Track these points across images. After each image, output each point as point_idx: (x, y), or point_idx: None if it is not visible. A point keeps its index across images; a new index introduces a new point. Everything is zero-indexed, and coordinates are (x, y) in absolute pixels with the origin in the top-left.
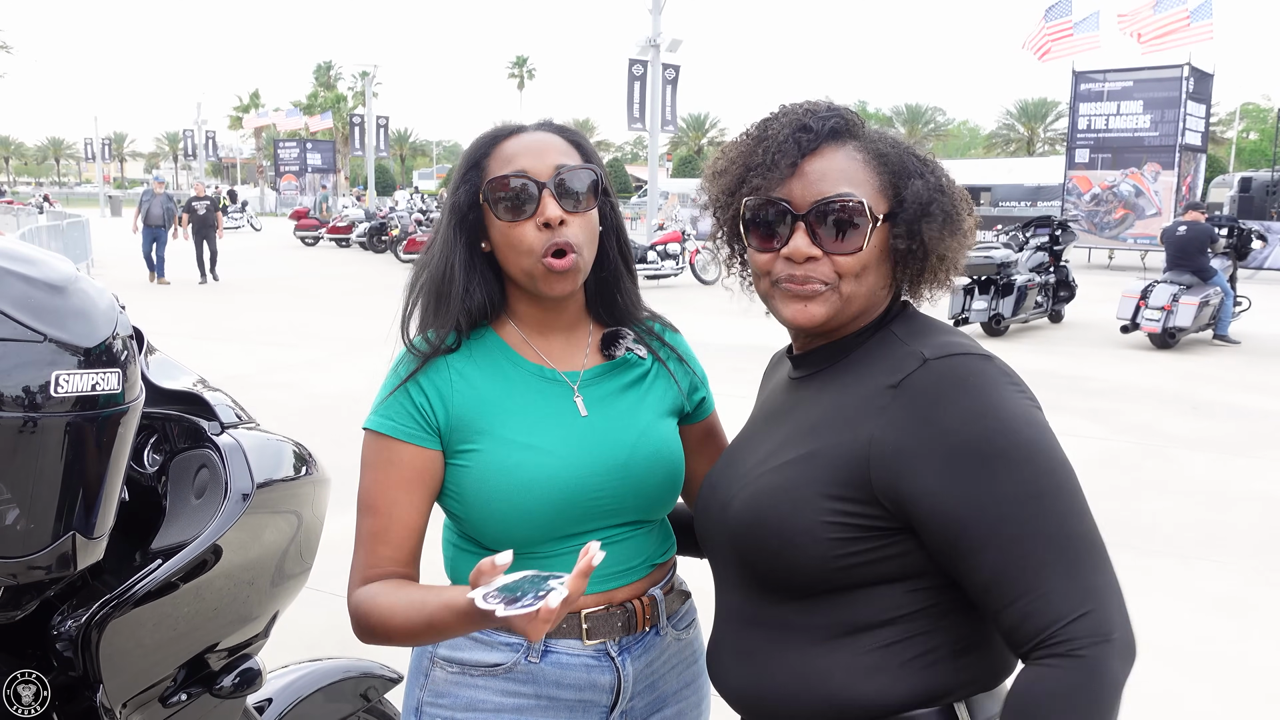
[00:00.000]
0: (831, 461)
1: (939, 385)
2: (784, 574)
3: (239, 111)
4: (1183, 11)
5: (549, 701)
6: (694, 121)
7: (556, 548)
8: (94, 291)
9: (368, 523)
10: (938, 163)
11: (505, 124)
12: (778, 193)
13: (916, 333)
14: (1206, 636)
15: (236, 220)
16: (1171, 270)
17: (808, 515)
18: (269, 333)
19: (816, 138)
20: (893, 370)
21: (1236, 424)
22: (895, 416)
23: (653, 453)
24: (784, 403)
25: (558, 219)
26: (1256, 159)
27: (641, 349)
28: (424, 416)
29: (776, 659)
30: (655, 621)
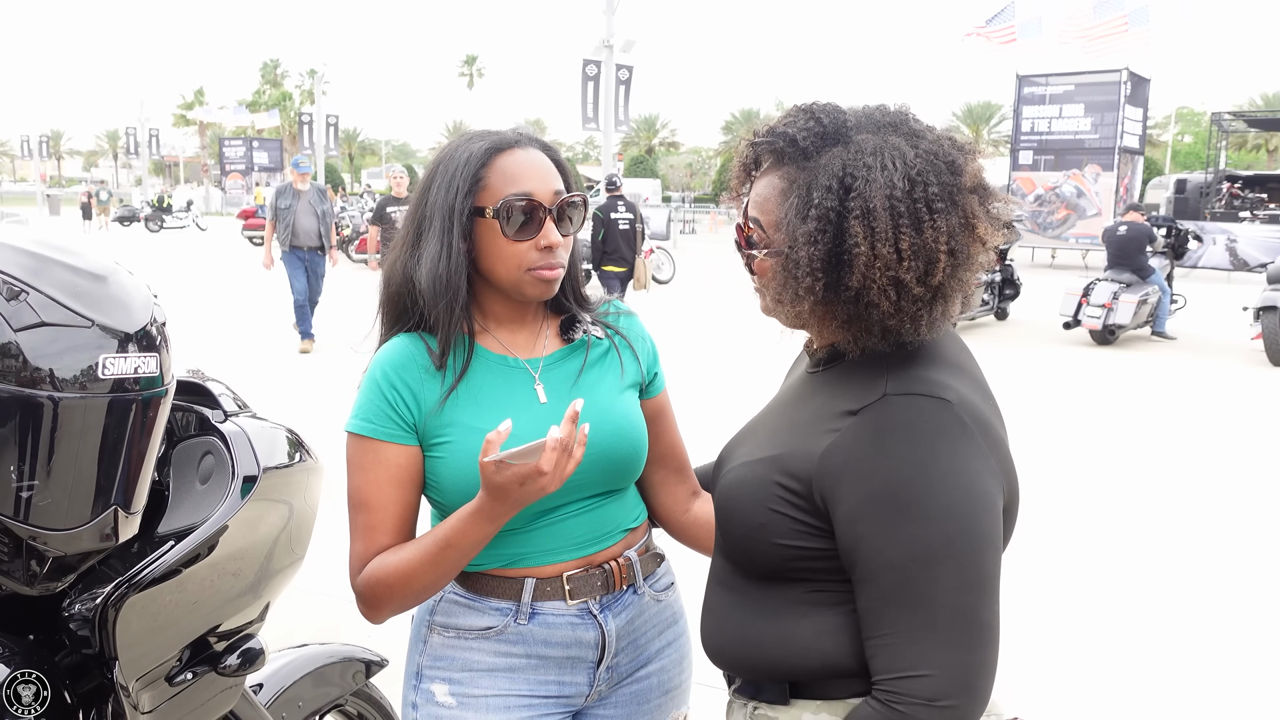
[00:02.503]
0: (789, 467)
1: (887, 423)
2: (743, 556)
3: (183, 109)
4: (1121, 18)
5: (539, 660)
6: (645, 122)
7: (535, 523)
8: (131, 281)
9: (362, 518)
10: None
11: (498, 135)
12: (746, 194)
13: (903, 360)
14: (1138, 617)
15: (181, 220)
16: (1112, 269)
17: (763, 512)
18: (225, 335)
19: (757, 159)
20: (858, 396)
21: (1172, 417)
22: (844, 441)
23: (615, 428)
24: (792, 394)
25: (558, 244)
26: (1191, 161)
27: (598, 330)
28: (399, 415)
29: (730, 620)
30: (632, 581)
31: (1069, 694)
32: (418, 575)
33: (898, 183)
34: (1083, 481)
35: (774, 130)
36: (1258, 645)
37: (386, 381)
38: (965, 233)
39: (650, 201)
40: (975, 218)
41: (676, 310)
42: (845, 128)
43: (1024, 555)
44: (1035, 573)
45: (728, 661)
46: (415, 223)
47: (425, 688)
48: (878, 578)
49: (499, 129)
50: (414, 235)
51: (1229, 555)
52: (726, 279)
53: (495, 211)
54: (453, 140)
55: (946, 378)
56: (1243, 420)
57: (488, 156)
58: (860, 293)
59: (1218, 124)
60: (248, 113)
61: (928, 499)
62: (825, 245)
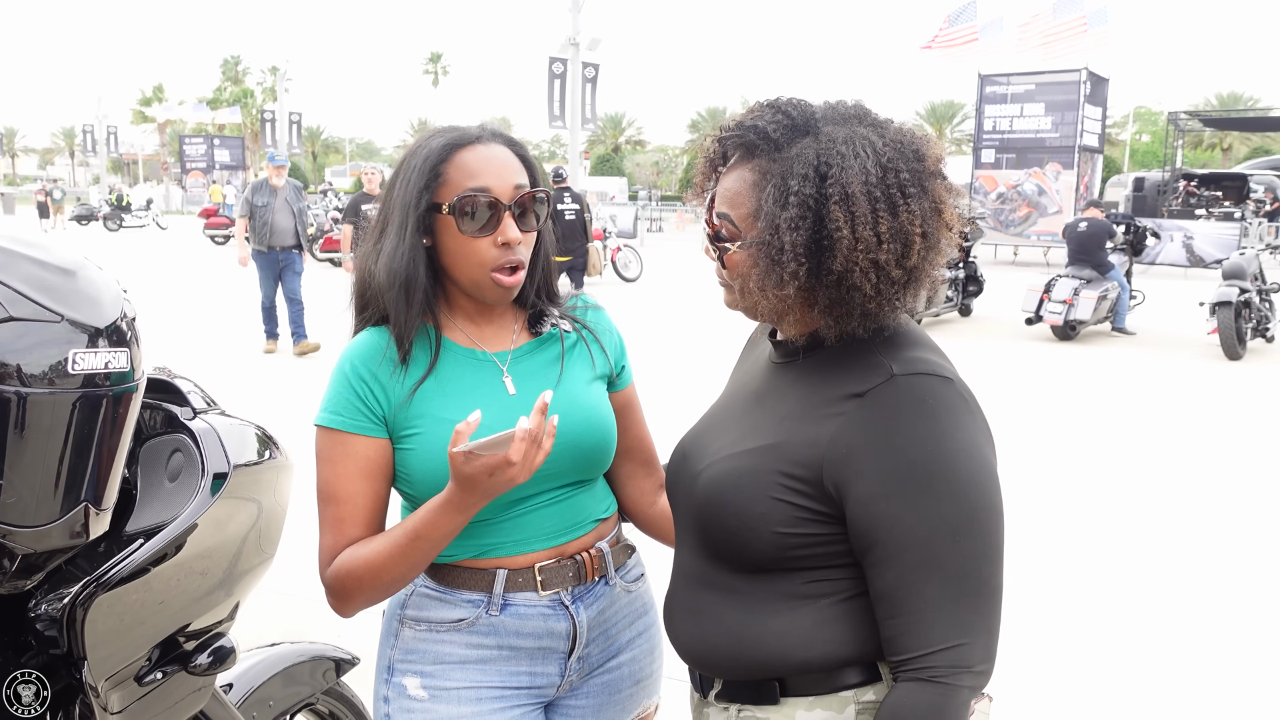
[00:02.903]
0: (792, 454)
1: (899, 402)
2: (737, 550)
3: (141, 105)
4: (1080, 18)
5: (511, 651)
6: (611, 120)
7: (506, 513)
8: (100, 276)
9: (332, 510)
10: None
11: (461, 130)
12: (712, 190)
13: (889, 343)
14: (1100, 606)
15: (141, 219)
16: (1072, 265)
17: (765, 501)
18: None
19: (725, 156)
20: (861, 379)
21: (1132, 410)
22: (854, 423)
23: (583, 418)
24: (761, 385)
25: (516, 241)
26: (1149, 160)
27: (566, 323)
28: (369, 407)
29: (722, 620)
30: (604, 572)
31: (1032, 683)
32: (387, 567)
33: (871, 169)
34: (1046, 474)
35: (743, 124)
36: (1215, 632)
37: (355, 374)
38: (935, 217)
39: (617, 200)
40: (943, 202)
41: (644, 307)
42: (813, 120)
43: None
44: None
45: (718, 664)
46: (381, 218)
47: (397, 681)
48: (903, 555)
49: (465, 125)
50: (379, 231)
51: (1187, 543)
52: (694, 276)
53: (451, 207)
54: (419, 137)
55: (938, 358)
56: (1199, 413)
57: (447, 152)
58: (843, 276)
59: (1174, 123)
60: (208, 110)
61: (948, 474)
62: (807, 231)
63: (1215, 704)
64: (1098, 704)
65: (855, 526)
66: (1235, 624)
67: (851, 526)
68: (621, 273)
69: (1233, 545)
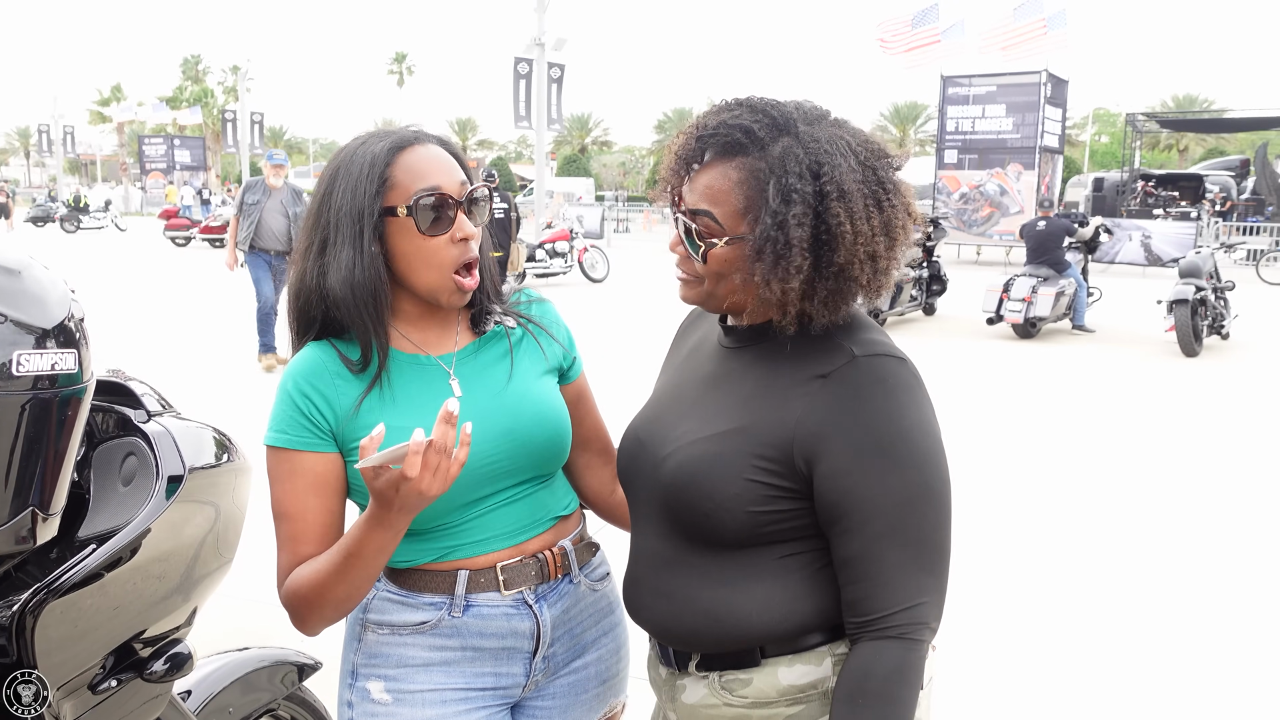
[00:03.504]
0: (761, 436)
1: (861, 382)
2: (709, 530)
3: (99, 105)
4: (1039, 20)
5: (474, 652)
6: (578, 121)
7: (465, 514)
8: (46, 275)
9: (286, 528)
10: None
11: (398, 133)
12: (680, 189)
13: (851, 326)
14: (1074, 600)
15: (99, 220)
16: (1030, 264)
17: (738, 482)
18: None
19: (703, 153)
20: (823, 361)
21: (1092, 406)
22: (820, 402)
23: (535, 413)
24: (713, 369)
25: (473, 236)
26: (1108, 160)
27: (509, 320)
28: (314, 423)
29: (698, 599)
30: (567, 570)
31: (990, 672)
32: (330, 587)
33: (856, 167)
34: (1007, 469)
35: (725, 123)
36: (1173, 623)
37: (298, 391)
38: (905, 211)
39: (584, 200)
40: (909, 199)
41: (611, 307)
42: (791, 119)
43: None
44: (957, 561)
45: (698, 641)
46: (319, 230)
47: (360, 686)
48: (869, 524)
49: (393, 128)
50: (319, 244)
51: (1146, 536)
52: (661, 276)
53: (409, 208)
54: (347, 144)
55: (889, 339)
56: (1158, 409)
57: (391, 155)
58: (844, 269)
59: (1132, 125)
60: (168, 109)
61: (908, 448)
62: (809, 227)
63: (1168, 695)
64: (1052, 696)
65: (823, 499)
66: (1194, 616)
67: (819, 499)
68: (588, 273)
69: (1190, 538)
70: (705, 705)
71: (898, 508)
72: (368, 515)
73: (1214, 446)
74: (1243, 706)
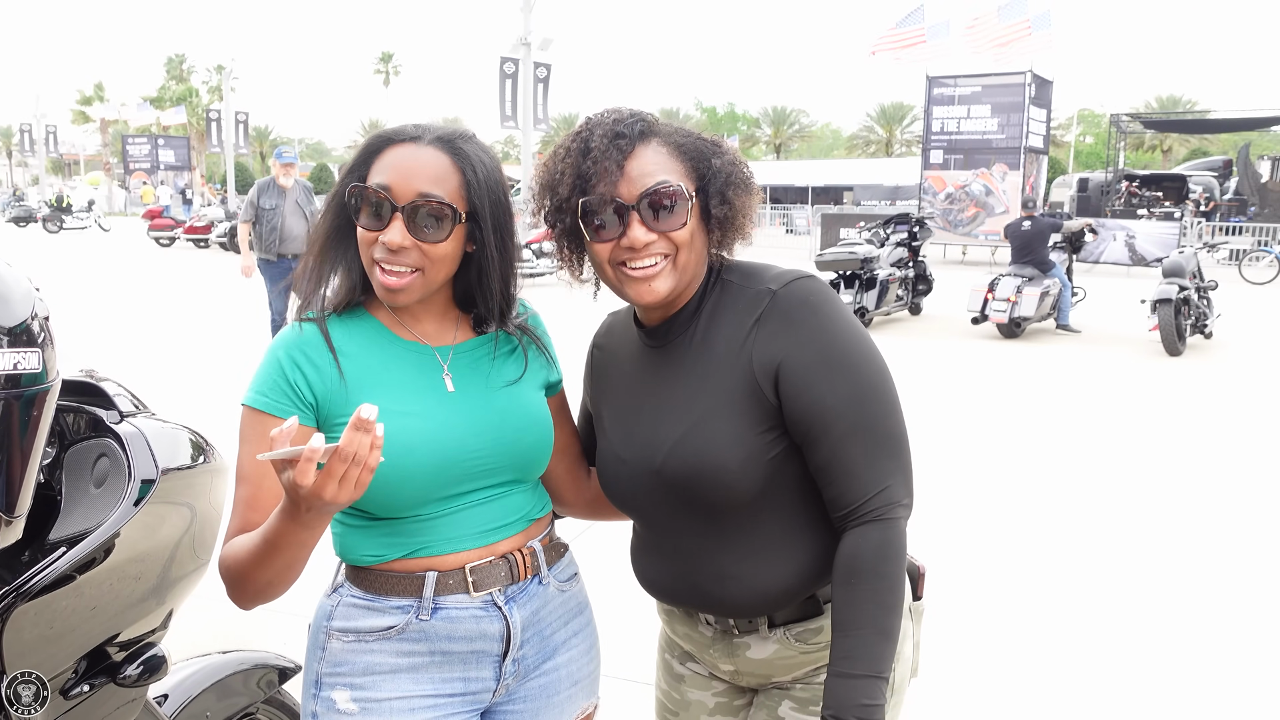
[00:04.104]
0: (738, 399)
1: (789, 308)
2: (740, 501)
3: (82, 104)
4: (1024, 21)
5: (443, 656)
6: (565, 121)
7: (440, 508)
8: (9, 273)
9: (242, 490)
10: (720, 139)
11: (402, 128)
12: (611, 193)
13: (749, 274)
14: (1061, 598)
15: (83, 220)
16: (1015, 264)
17: (745, 443)
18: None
19: (630, 141)
20: (749, 309)
21: (1078, 403)
22: (764, 339)
23: (524, 416)
24: (653, 373)
25: (395, 244)
26: (1092, 161)
27: (510, 326)
28: (297, 392)
29: (756, 572)
30: (536, 571)
31: (972, 669)
32: (252, 571)
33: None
34: (992, 469)
35: (620, 119)
36: (1155, 622)
37: (288, 358)
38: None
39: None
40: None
41: (595, 308)
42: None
43: (932, 542)
44: (945, 558)
45: (766, 605)
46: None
47: (325, 695)
48: (832, 428)
49: (426, 124)
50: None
51: (1130, 534)
52: None
53: (348, 195)
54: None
55: (781, 267)
56: (1142, 408)
57: (381, 145)
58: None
59: (1116, 125)
60: (152, 109)
61: (851, 351)
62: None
63: (1157, 693)
64: (1040, 693)
65: (790, 418)
66: (1180, 612)
67: (788, 420)
68: None
69: (1175, 535)
70: (780, 658)
71: (851, 408)
72: (281, 508)
73: (1197, 445)
74: (1226, 702)
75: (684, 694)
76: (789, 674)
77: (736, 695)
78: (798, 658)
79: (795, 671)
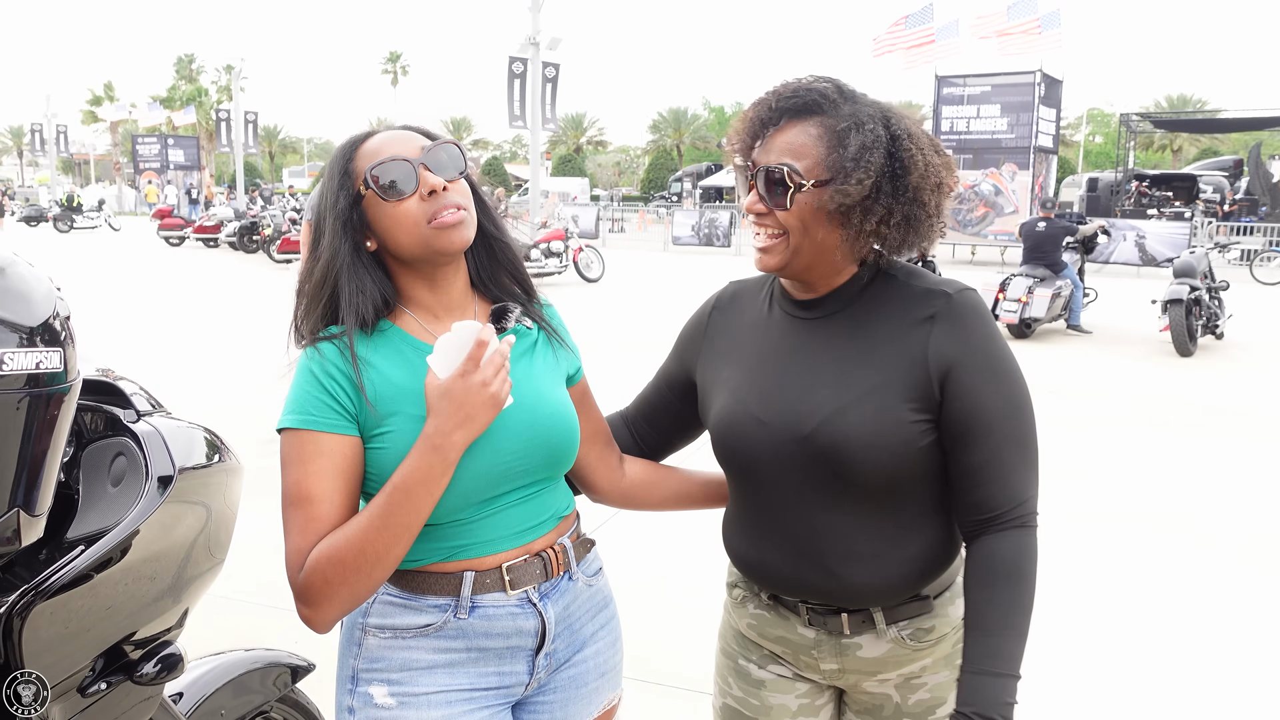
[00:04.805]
0: (902, 381)
1: (965, 314)
2: (887, 479)
3: (92, 104)
4: (1034, 20)
5: (479, 653)
6: (572, 120)
7: (479, 512)
8: (31, 273)
9: (302, 513)
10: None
11: (360, 133)
12: (752, 157)
13: (912, 273)
14: (1070, 599)
15: (93, 220)
16: (1027, 264)
17: (903, 429)
18: (137, 342)
19: (779, 115)
20: (921, 305)
21: (1088, 405)
22: (939, 338)
23: (552, 413)
24: (803, 342)
25: (440, 185)
26: (1102, 161)
27: (528, 320)
28: (339, 404)
29: (882, 554)
30: (567, 567)
31: None
32: (370, 537)
33: (913, 124)
34: None
35: (801, 88)
36: (1168, 627)
37: (324, 373)
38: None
39: (579, 200)
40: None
41: (606, 307)
42: (851, 90)
43: None
44: None
45: (892, 592)
46: (315, 235)
47: (363, 690)
48: (992, 432)
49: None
50: (314, 242)
51: (1142, 536)
52: (654, 276)
53: (366, 182)
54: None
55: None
56: (1151, 408)
57: (351, 150)
58: (917, 192)
59: (1126, 125)
60: (162, 109)
61: (1008, 363)
62: (888, 159)
63: (1168, 694)
64: (1059, 697)
65: (952, 416)
66: (1191, 616)
67: (948, 419)
68: (584, 273)
69: (1186, 537)
70: (893, 656)
71: (1010, 416)
72: (421, 440)
73: (1209, 445)
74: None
75: (765, 699)
76: (895, 670)
77: (818, 694)
78: (911, 654)
79: (902, 668)
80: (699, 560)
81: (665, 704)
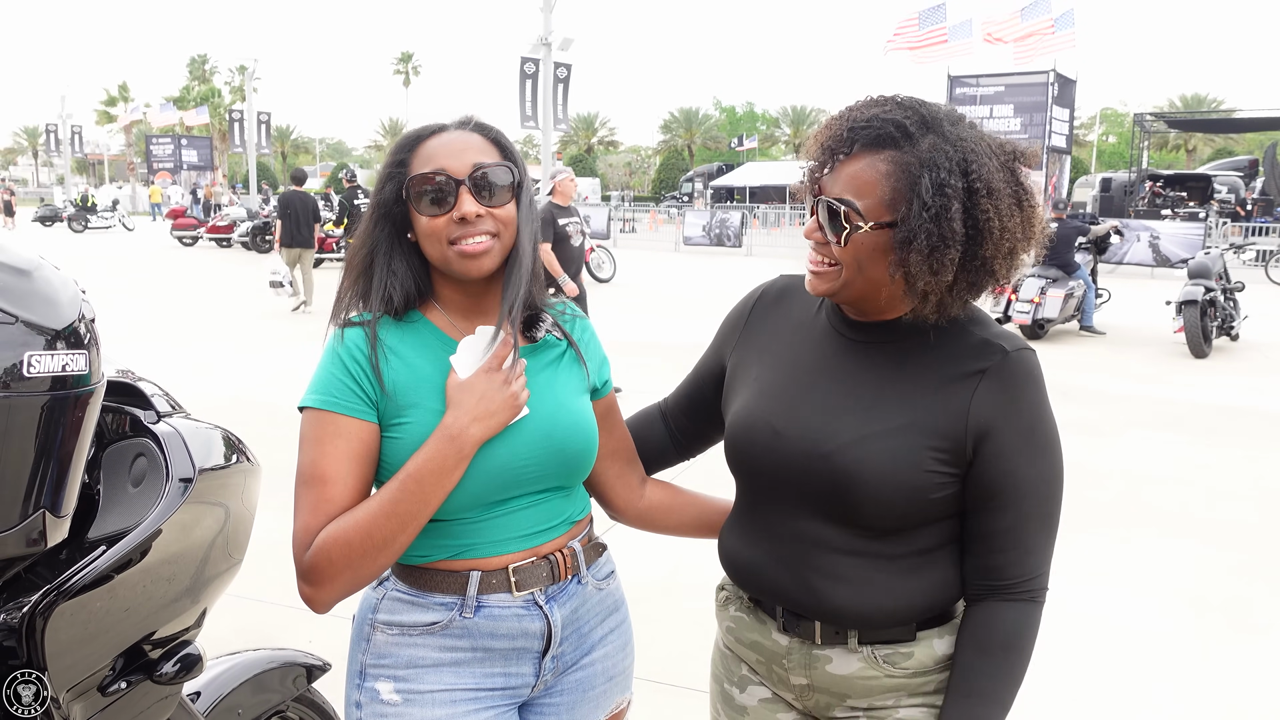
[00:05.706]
0: (934, 429)
1: (1017, 375)
2: (886, 517)
3: (106, 105)
4: (1048, 20)
5: (485, 653)
6: (584, 121)
7: (487, 513)
8: (57, 276)
9: (315, 492)
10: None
11: (428, 124)
12: (821, 178)
13: (975, 319)
14: (1079, 601)
15: (107, 220)
16: (1039, 265)
17: (919, 474)
18: (149, 336)
19: (852, 145)
20: (975, 357)
21: (1102, 407)
22: (986, 395)
23: (572, 424)
24: (843, 363)
25: (474, 214)
26: (1115, 161)
27: (558, 331)
28: (361, 389)
29: (872, 583)
30: (576, 571)
31: None
32: (378, 523)
33: (999, 168)
34: None
35: (877, 117)
36: (1180, 630)
37: (349, 357)
38: (1038, 213)
39: (590, 200)
40: (1040, 200)
41: (618, 307)
42: (937, 118)
43: None
44: None
45: (869, 621)
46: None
47: (369, 686)
48: (1022, 501)
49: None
50: (363, 223)
51: (1153, 540)
52: (666, 276)
53: (406, 192)
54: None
55: (1007, 330)
56: (1165, 410)
57: (412, 143)
58: (987, 262)
59: (1140, 125)
60: (175, 109)
61: (1051, 436)
62: (963, 221)
63: (1192, 702)
64: (1065, 706)
65: (981, 480)
66: (1203, 620)
67: (977, 480)
68: (595, 273)
69: (1199, 539)
70: (862, 676)
71: (1042, 488)
72: (438, 430)
73: (1223, 447)
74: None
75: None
76: (865, 698)
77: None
78: (880, 680)
79: (871, 697)
80: (707, 561)
81: (674, 704)
